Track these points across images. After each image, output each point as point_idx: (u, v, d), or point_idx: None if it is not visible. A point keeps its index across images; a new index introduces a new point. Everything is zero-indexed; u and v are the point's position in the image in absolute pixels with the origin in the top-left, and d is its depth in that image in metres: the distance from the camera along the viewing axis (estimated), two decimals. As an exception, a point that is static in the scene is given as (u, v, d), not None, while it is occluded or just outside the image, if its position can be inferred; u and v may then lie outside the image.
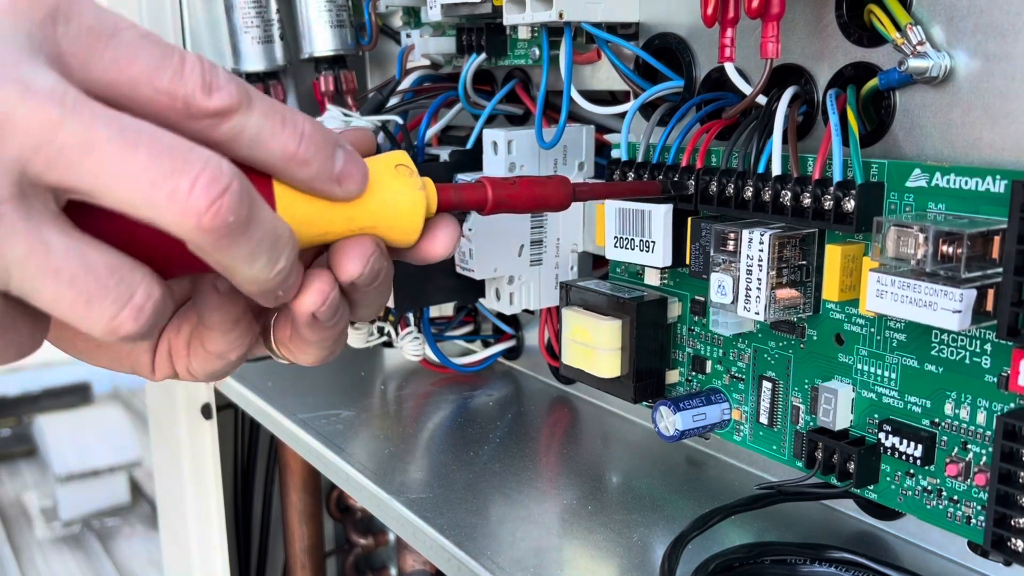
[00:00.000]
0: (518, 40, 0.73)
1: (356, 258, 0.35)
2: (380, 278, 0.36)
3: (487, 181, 0.40)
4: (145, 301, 0.30)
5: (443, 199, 0.38)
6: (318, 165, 0.33)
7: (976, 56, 0.47)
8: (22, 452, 3.13)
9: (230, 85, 0.31)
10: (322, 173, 0.33)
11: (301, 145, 0.33)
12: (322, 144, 0.33)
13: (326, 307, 0.35)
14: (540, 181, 0.42)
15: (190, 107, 0.30)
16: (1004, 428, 0.45)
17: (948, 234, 0.44)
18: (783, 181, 0.52)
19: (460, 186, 0.39)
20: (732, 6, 0.51)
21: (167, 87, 0.30)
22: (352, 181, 0.34)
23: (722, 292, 0.53)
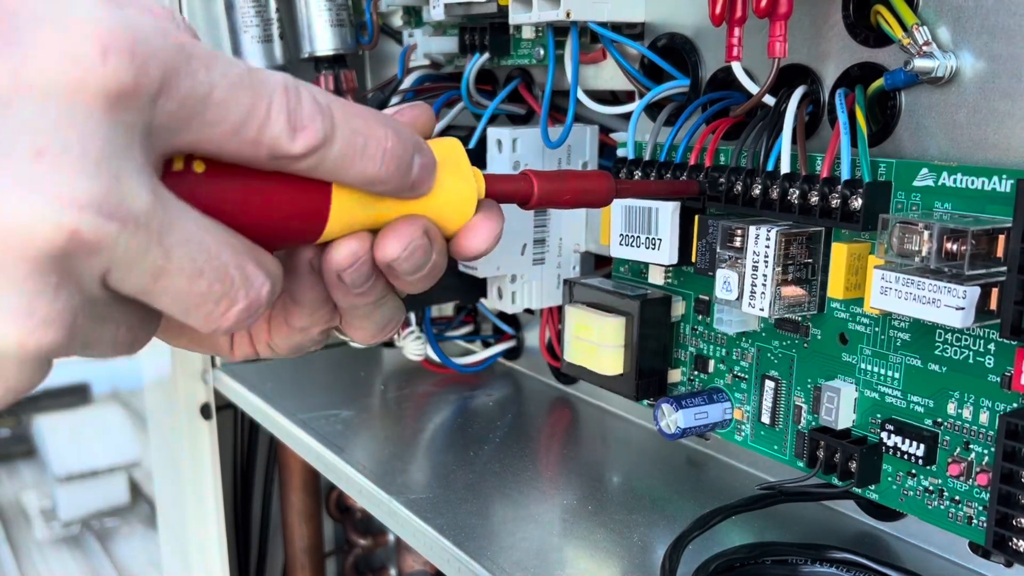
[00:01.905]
0: (522, 40, 0.73)
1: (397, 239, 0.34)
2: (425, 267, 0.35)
3: (532, 174, 0.39)
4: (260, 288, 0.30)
5: (489, 190, 0.37)
6: (395, 182, 0.33)
7: (982, 57, 0.47)
8: (21, 452, 3.12)
9: (315, 122, 0.30)
10: (397, 187, 0.33)
11: (381, 167, 0.32)
12: (401, 158, 0.33)
13: (353, 270, 0.34)
14: (585, 175, 0.40)
15: (274, 152, 0.30)
16: (1007, 428, 0.45)
17: (953, 231, 0.44)
18: (791, 179, 0.52)
19: (506, 177, 0.38)
20: (740, 6, 0.51)
21: (253, 139, 0.29)
22: (424, 186, 0.34)
23: (727, 288, 0.53)
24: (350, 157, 0.31)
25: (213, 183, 0.30)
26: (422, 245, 0.35)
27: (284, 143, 0.30)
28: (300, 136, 0.30)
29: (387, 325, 0.39)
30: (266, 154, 0.30)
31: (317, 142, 0.30)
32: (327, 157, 0.31)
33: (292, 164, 0.30)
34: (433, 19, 0.76)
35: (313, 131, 0.30)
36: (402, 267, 0.35)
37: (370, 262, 0.35)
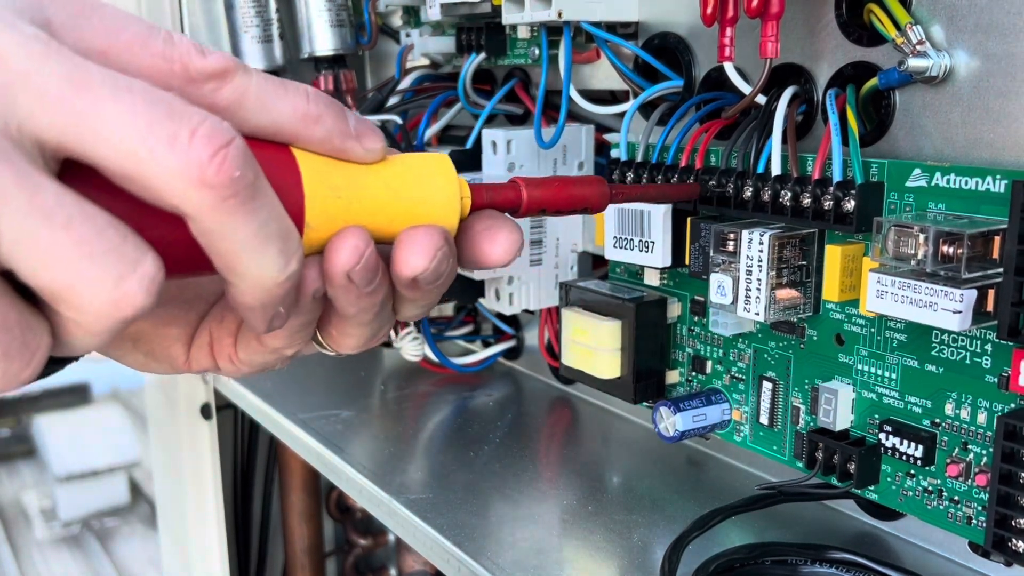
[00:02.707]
0: (517, 39, 0.73)
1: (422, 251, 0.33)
2: (444, 276, 0.34)
3: (521, 181, 0.37)
4: (156, 271, 0.27)
5: (476, 198, 0.36)
6: (331, 120, 0.31)
7: (976, 55, 0.47)
8: (21, 452, 3.13)
9: (220, 52, 0.29)
10: (337, 129, 0.32)
11: (310, 102, 0.31)
12: (328, 102, 0.32)
13: (361, 266, 0.32)
14: (576, 181, 0.39)
15: (188, 68, 0.28)
16: (1004, 428, 0.45)
17: (948, 234, 0.44)
18: (783, 181, 0.52)
19: (493, 186, 0.37)
20: (731, 5, 0.51)
21: (161, 50, 0.28)
22: (370, 138, 0.33)
23: (722, 293, 0.53)
24: (273, 90, 0.30)
25: None
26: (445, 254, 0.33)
27: (196, 59, 0.28)
28: (210, 56, 0.29)
29: (379, 332, 0.37)
30: (180, 70, 0.28)
31: (230, 63, 0.29)
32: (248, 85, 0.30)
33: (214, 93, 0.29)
34: (430, 19, 0.76)
35: (222, 55, 0.29)
36: (426, 278, 0.33)
37: (375, 254, 0.33)
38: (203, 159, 0.26)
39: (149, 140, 0.26)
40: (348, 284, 0.33)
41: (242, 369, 0.38)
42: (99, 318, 0.26)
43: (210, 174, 0.26)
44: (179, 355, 0.38)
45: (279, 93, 0.30)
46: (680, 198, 0.54)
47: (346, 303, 0.34)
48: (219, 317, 0.38)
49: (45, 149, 0.26)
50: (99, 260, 0.25)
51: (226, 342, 0.37)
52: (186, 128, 0.26)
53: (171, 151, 0.26)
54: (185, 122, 0.26)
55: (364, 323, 0.35)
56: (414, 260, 0.33)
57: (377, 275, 0.33)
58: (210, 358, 0.38)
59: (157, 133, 0.26)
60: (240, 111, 0.30)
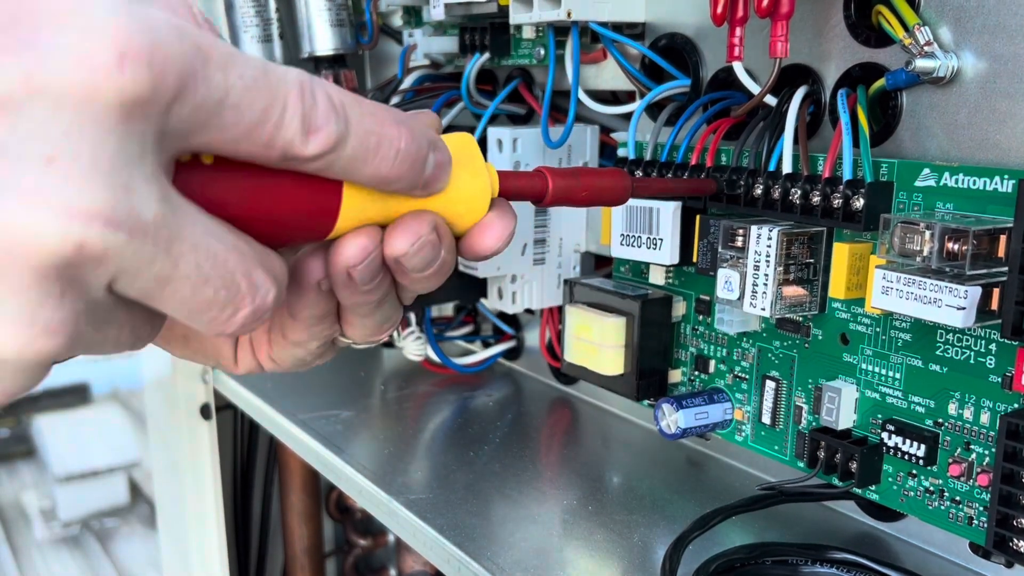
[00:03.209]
0: (522, 40, 0.73)
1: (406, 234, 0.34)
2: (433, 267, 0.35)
3: (547, 171, 0.38)
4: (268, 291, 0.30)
5: (503, 187, 0.36)
6: (407, 181, 0.32)
7: (983, 57, 0.47)
8: (21, 452, 3.13)
9: (329, 124, 0.29)
10: (408, 186, 0.33)
11: (393, 167, 0.32)
12: (415, 158, 0.32)
13: (364, 265, 0.33)
14: (600, 172, 0.39)
15: (287, 155, 0.29)
16: (1007, 428, 0.45)
17: (954, 231, 0.44)
18: (793, 179, 0.52)
19: (521, 174, 0.37)
20: (741, 5, 0.51)
21: (266, 141, 0.29)
22: (438, 183, 0.34)
23: (729, 288, 0.53)
24: (362, 157, 0.31)
25: (221, 177, 0.30)
26: (431, 241, 0.34)
27: (297, 146, 0.29)
28: (313, 139, 0.29)
29: (385, 324, 0.38)
30: (278, 156, 0.29)
31: (330, 144, 0.30)
32: (339, 158, 0.30)
33: (304, 165, 0.30)
34: (433, 19, 0.76)
35: (326, 133, 0.29)
36: (411, 263, 0.34)
37: (380, 258, 0.34)
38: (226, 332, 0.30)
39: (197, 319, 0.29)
40: (349, 280, 0.34)
41: (283, 366, 0.40)
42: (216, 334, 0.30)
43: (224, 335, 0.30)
44: (228, 354, 0.40)
45: (367, 160, 0.31)
46: (696, 193, 0.55)
47: (344, 295, 0.35)
48: None
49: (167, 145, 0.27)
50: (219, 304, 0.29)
51: (262, 340, 0.39)
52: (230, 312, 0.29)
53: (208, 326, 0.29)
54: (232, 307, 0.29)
55: (365, 315, 0.37)
56: (398, 242, 0.33)
57: (378, 276, 0.34)
58: (253, 357, 0.40)
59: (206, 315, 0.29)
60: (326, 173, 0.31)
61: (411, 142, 0.32)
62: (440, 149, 0.33)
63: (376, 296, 0.35)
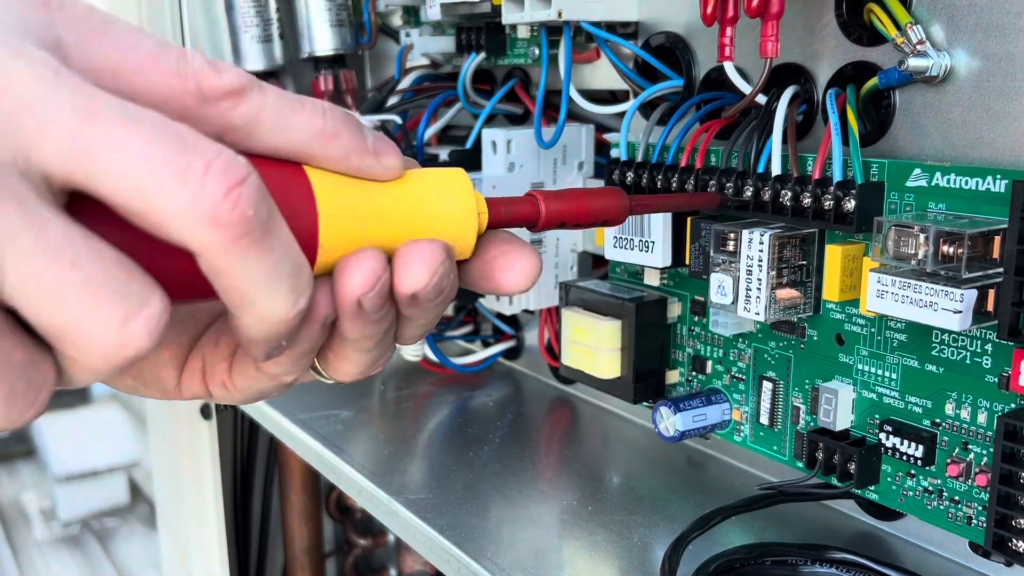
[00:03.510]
0: (517, 39, 0.73)
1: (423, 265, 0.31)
2: (444, 293, 0.32)
3: (539, 195, 0.36)
4: (161, 312, 0.25)
5: (493, 213, 0.35)
6: (348, 137, 0.30)
7: (976, 55, 0.47)
8: (20, 452, 3.12)
9: (235, 69, 0.28)
10: (355, 146, 0.30)
11: (327, 119, 0.30)
12: (346, 118, 0.31)
13: (375, 293, 0.30)
14: (595, 193, 0.38)
15: (202, 86, 0.27)
16: (1005, 428, 0.45)
17: (949, 234, 0.44)
18: (783, 181, 0.52)
19: (511, 200, 0.35)
20: (731, 5, 0.51)
21: (174, 68, 0.27)
22: (388, 155, 0.31)
23: (722, 292, 0.53)
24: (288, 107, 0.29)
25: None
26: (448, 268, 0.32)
27: (211, 76, 0.27)
28: (224, 73, 0.28)
29: (379, 359, 0.35)
30: (194, 87, 0.27)
31: (244, 80, 0.28)
32: (264, 104, 0.28)
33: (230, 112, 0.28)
34: (430, 19, 0.76)
35: (236, 72, 0.28)
36: (427, 295, 0.31)
37: (389, 280, 0.31)
38: (216, 196, 0.25)
39: (159, 174, 0.24)
40: (358, 310, 0.31)
41: (235, 396, 0.36)
42: (102, 359, 0.25)
43: (223, 212, 0.25)
44: (170, 379, 0.36)
45: (295, 109, 0.29)
46: (700, 207, 0.54)
47: (351, 328, 0.32)
48: (213, 341, 0.36)
49: (52, 182, 0.25)
50: (104, 301, 0.24)
51: (219, 367, 0.36)
52: (199, 162, 0.25)
53: (182, 186, 0.24)
54: (198, 155, 0.25)
55: (365, 349, 0.34)
56: (415, 275, 0.31)
57: (387, 302, 0.32)
58: (202, 384, 0.36)
59: (168, 167, 0.24)
60: (255, 130, 0.29)
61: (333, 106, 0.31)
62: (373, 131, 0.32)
63: (385, 325, 0.33)
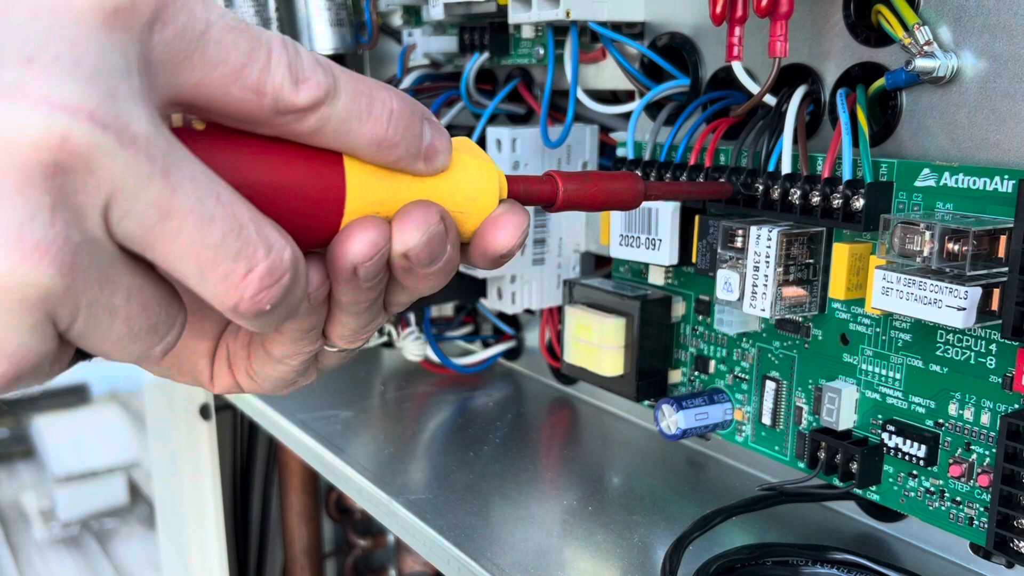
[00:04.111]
0: (521, 39, 0.73)
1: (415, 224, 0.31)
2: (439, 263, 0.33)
3: (556, 175, 0.36)
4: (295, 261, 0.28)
5: (512, 190, 0.35)
6: (405, 146, 0.31)
7: (983, 56, 0.47)
8: (20, 453, 3.12)
9: (316, 73, 0.28)
10: (408, 153, 0.31)
11: (389, 128, 0.30)
12: (410, 121, 0.31)
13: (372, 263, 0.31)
14: (611, 176, 0.38)
15: (278, 104, 0.28)
16: (1008, 429, 0.45)
17: (954, 232, 0.44)
18: (792, 179, 0.52)
19: (529, 178, 0.36)
20: (740, 5, 0.51)
21: (255, 84, 0.27)
22: (438, 156, 0.32)
23: (728, 289, 0.53)
24: (356, 115, 0.29)
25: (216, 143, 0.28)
26: (439, 232, 0.32)
27: (287, 93, 0.28)
28: (303, 87, 0.28)
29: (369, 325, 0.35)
30: (269, 104, 0.28)
31: (321, 93, 0.28)
32: (332, 114, 0.29)
33: (296, 122, 0.29)
34: (432, 18, 0.76)
35: (316, 83, 0.28)
36: (419, 257, 0.32)
37: (387, 254, 0.32)
38: (245, 296, 0.27)
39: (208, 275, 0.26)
40: (351, 278, 0.32)
41: (263, 385, 0.37)
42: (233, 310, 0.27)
43: (244, 307, 0.27)
44: (204, 371, 0.37)
45: (360, 118, 0.30)
46: (712, 197, 0.54)
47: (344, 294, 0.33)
48: (235, 328, 0.37)
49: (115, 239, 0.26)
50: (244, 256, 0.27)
51: (241, 355, 0.37)
52: (244, 265, 0.27)
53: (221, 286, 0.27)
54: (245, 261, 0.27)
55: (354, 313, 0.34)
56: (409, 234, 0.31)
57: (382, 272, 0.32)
58: (230, 374, 0.37)
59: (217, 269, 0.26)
60: (317, 137, 0.30)
61: (403, 104, 0.31)
62: (434, 121, 0.32)
63: (374, 294, 0.33)
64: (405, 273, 0.33)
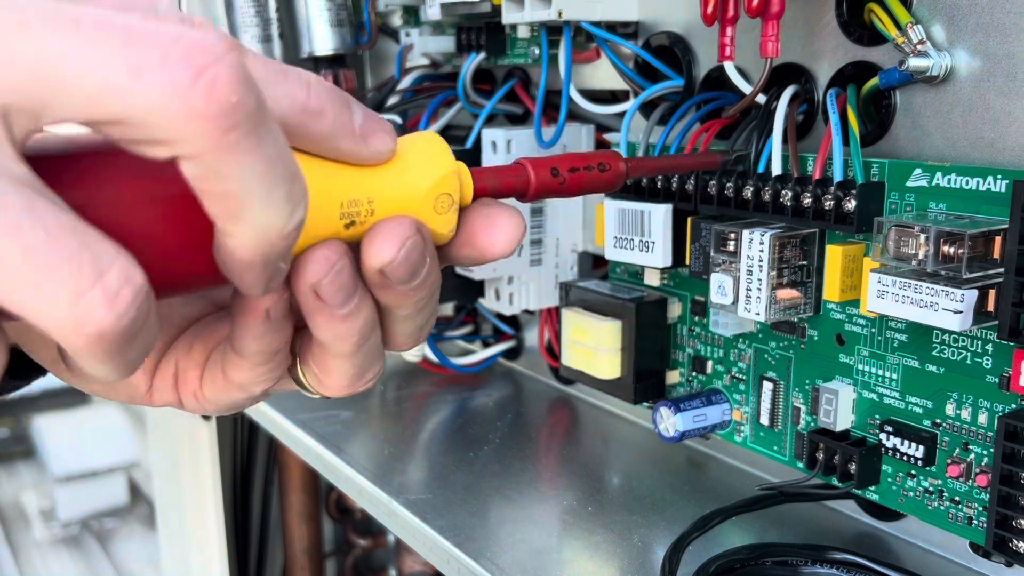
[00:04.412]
0: (517, 39, 0.73)
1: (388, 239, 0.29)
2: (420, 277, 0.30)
3: (527, 162, 0.34)
4: (120, 285, 0.22)
5: (478, 187, 0.32)
6: (334, 115, 0.28)
7: (977, 55, 0.47)
8: (20, 453, 3.12)
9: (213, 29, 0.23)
10: (340, 126, 0.28)
11: (311, 94, 0.27)
12: (332, 94, 0.28)
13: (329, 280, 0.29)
14: (588, 157, 0.35)
15: None
16: (1005, 429, 0.45)
17: (949, 234, 0.44)
18: (783, 181, 0.52)
19: (496, 169, 0.33)
20: (732, 5, 0.51)
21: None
22: (378, 138, 0.29)
23: (722, 293, 0.53)
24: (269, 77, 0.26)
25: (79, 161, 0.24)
26: (418, 243, 0.29)
27: None
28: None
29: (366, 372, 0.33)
30: None
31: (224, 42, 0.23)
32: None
33: None
34: (430, 18, 0.76)
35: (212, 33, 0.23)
36: (397, 272, 0.29)
37: (348, 268, 0.29)
38: (183, 82, 0.22)
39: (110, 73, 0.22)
40: (317, 303, 0.29)
41: (207, 408, 0.34)
42: (67, 339, 0.22)
43: (198, 101, 0.22)
44: (141, 385, 0.34)
45: (276, 80, 0.27)
46: (700, 168, 0.53)
47: (318, 325, 0.30)
48: (187, 346, 0.34)
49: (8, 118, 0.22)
50: (51, 272, 0.22)
51: (191, 375, 0.34)
52: (154, 51, 0.22)
53: (137, 81, 0.22)
54: (151, 44, 0.22)
55: (345, 355, 0.31)
56: (383, 249, 0.29)
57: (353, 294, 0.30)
58: (174, 391, 0.34)
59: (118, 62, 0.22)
60: None
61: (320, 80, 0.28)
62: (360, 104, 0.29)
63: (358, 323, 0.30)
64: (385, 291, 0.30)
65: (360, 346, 0.31)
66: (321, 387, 0.33)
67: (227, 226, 0.25)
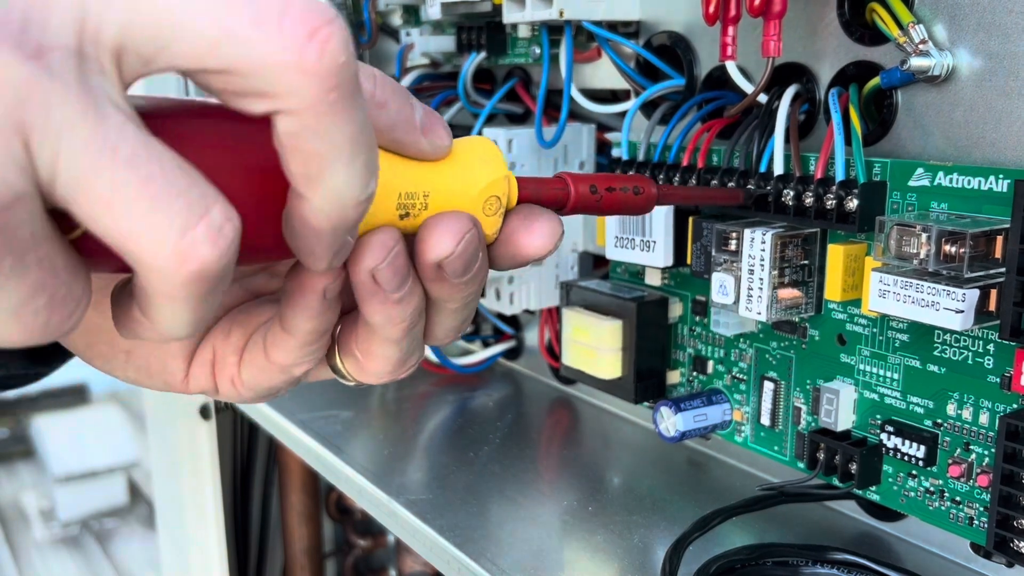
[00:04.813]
0: (518, 39, 0.73)
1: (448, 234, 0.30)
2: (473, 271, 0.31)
3: (568, 176, 0.35)
4: (223, 222, 0.23)
5: (522, 194, 0.34)
6: (397, 108, 0.29)
7: (979, 55, 0.47)
8: (20, 453, 3.12)
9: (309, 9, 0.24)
10: (403, 119, 0.29)
11: (376, 85, 0.28)
12: (396, 87, 0.29)
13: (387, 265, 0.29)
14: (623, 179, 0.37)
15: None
16: (1007, 429, 0.45)
17: (951, 234, 0.43)
18: (785, 180, 0.52)
19: (540, 180, 0.34)
20: (734, 4, 0.51)
21: None
22: (437, 133, 0.30)
23: (723, 292, 0.53)
24: None
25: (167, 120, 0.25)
26: (474, 239, 0.30)
27: None
28: None
29: (410, 358, 0.34)
30: None
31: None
32: None
33: None
34: (430, 18, 0.76)
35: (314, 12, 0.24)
36: (453, 266, 0.30)
37: (403, 255, 0.30)
38: (299, 37, 0.23)
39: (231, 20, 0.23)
40: (374, 287, 0.30)
41: (244, 394, 0.35)
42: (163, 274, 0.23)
43: (310, 58, 0.23)
44: (177, 371, 0.35)
45: None
46: (724, 202, 0.54)
47: (372, 309, 0.31)
48: (225, 331, 0.35)
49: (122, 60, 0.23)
50: (163, 204, 0.22)
51: (230, 361, 0.35)
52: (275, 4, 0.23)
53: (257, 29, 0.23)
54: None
55: (393, 340, 0.32)
56: (441, 242, 0.30)
57: (407, 279, 0.30)
58: (211, 378, 0.35)
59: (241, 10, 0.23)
60: None
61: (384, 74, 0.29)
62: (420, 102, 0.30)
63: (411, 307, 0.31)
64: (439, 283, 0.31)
65: (408, 331, 0.32)
66: (361, 374, 0.34)
67: (307, 190, 0.25)
